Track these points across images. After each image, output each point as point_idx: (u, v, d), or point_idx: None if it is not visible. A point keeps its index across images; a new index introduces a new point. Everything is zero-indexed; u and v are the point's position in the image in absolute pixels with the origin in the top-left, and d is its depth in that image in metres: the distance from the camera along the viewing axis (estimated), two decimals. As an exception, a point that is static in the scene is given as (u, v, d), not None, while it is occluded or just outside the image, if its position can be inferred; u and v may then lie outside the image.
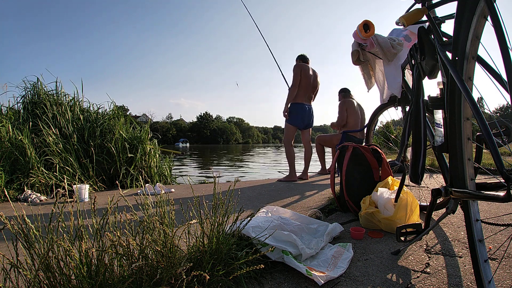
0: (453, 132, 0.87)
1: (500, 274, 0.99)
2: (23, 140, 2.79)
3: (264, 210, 1.45)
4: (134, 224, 0.90)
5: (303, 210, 1.87)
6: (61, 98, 3.70)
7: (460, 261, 1.10)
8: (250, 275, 0.97)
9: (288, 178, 3.40)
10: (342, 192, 1.77)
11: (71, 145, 3.13)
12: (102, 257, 0.76)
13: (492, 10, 0.68)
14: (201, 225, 0.97)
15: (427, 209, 1.07)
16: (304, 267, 0.98)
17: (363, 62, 1.93)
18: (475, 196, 0.78)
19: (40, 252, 0.73)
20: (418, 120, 1.11)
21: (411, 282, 0.96)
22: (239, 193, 2.52)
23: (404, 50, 1.65)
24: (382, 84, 1.90)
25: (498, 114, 4.18)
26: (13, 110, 3.54)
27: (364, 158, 1.78)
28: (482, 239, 0.80)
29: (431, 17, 1.07)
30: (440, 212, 1.68)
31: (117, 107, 3.92)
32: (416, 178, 1.07)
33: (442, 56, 0.92)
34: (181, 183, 4.19)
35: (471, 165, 0.85)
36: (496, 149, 0.67)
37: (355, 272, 1.03)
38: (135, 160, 3.43)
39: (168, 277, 0.79)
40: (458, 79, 0.78)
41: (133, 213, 0.91)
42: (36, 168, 2.75)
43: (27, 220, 0.75)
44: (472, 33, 0.77)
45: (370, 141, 2.17)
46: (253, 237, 1.10)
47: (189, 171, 8.32)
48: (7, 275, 0.73)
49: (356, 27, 1.56)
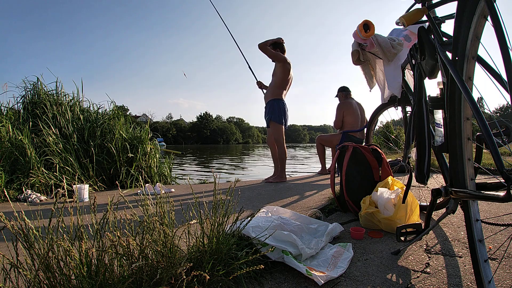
0: (453, 132, 0.87)
1: (500, 274, 0.99)
2: (23, 140, 2.79)
3: (264, 210, 1.45)
4: (134, 224, 0.90)
5: (303, 210, 1.87)
6: (61, 98, 3.70)
7: (460, 261, 1.10)
8: (250, 275, 0.97)
9: (278, 179, 3.27)
10: (342, 192, 1.77)
11: (71, 145, 3.13)
12: (102, 257, 0.76)
13: (492, 10, 0.68)
14: (201, 225, 0.97)
15: (427, 209, 1.07)
16: (304, 267, 0.98)
17: (363, 62, 1.93)
18: (475, 196, 0.78)
19: (40, 252, 0.73)
20: (421, 120, 1.10)
21: (411, 282, 0.96)
22: (239, 193, 2.52)
23: (404, 50, 1.65)
24: (383, 83, 1.90)
25: (498, 114, 4.18)
26: (13, 110, 3.55)
27: (364, 158, 1.78)
28: (482, 239, 0.80)
29: (431, 17, 1.07)
30: (440, 212, 1.68)
31: (117, 107, 3.92)
32: (422, 178, 1.07)
33: (442, 56, 0.92)
34: (181, 183, 4.19)
35: (471, 165, 0.85)
36: (496, 149, 0.67)
37: (355, 272, 1.03)
38: (135, 160, 3.43)
39: (168, 277, 0.79)
40: (458, 79, 0.78)
41: (133, 213, 0.91)
42: (36, 168, 2.75)
43: (27, 220, 0.75)
44: (472, 33, 0.77)
45: (370, 141, 2.17)
46: (253, 237, 1.10)
47: (189, 171, 8.32)
48: (7, 275, 0.73)
49: (356, 27, 1.56)
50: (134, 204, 1.04)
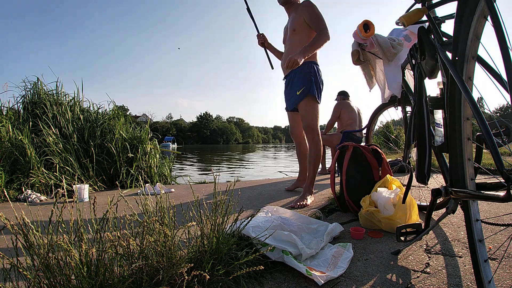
0: (453, 132, 0.87)
1: (500, 274, 0.99)
2: (23, 140, 2.79)
3: (264, 210, 1.45)
4: (134, 224, 0.90)
5: (303, 210, 1.87)
6: (61, 98, 3.70)
7: (460, 261, 1.10)
8: (250, 275, 0.97)
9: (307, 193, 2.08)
10: (342, 192, 1.77)
11: (71, 145, 3.13)
12: (102, 257, 0.76)
13: (492, 10, 0.68)
14: (201, 225, 0.97)
15: (427, 209, 1.07)
16: (304, 267, 0.98)
17: (363, 62, 1.93)
18: (475, 196, 0.78)
19: (40, 252, 0.73)
20: (421, 120, 1.10)
21: (411, 282, 0.96)
22: (239, 193, 2.52)
23: (404, 50, 1.65)
24: (383, 84, 1.90)
25: (498, 114, 4.17)
26: (13, 110, 3.54)
27: (364, 157, 1.78)
28: (482, 239, 0.80)
29: (431, 17, 1.07)
30: (440, 212, 1.68)
31: (117, 107, 3.91)
32: (422, 178, 1.07)
33: (442, 56, 0.92)
34: (181, 183, 4.19)
35: (471, 165, 0.85)
36: (496, 149, 0.67)
37: (355, 272, 1.03)
38: (136, 160, 3.43)
39: (168, 277, 0.79)
40: (458, 79, 0.78)
41: (133, 213, 0.91)
42: (36, 168, 2.75)
43: (27, 220, 0.75)
44: (472, 33, 0.77)
45: (370, 141, 2.17)
46: (253, 237, 1.10)
47: (189, 171, 8.32)
48: (7, 275, 0.73)
49: (356, 27, 1.56)
50: (134, 204, 1.04)
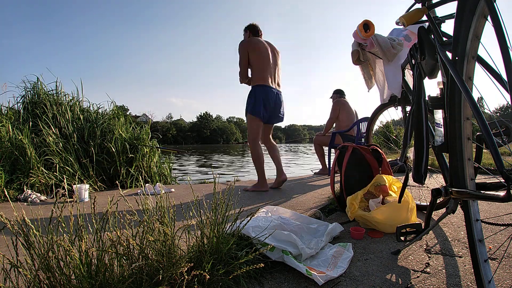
0: (453, 132, 0.87)
1: (500, 274, 0.99)
2: (23, 140, 2.79)
3: (264, 210, 1.46)
4: (134, 224, 0.90)
5: (303, 210, 1.87)
6: (61, 98, 3.70)
7: (460, 261, 1.10)
8: (250, 274, 0.97)
9: (257, 188, 2.67)
10: (342, 192, 1.77)
11: (71, 145, 3.13)
12: (102, 257, 0.76)
13: (492, 10, 0.68)
14: (201, 225, 0.97)
15: (427, 209, 1.07)
16: (304, 267, 0.98)
17: (363, 62, 1.93)
18: (475, 196, 0.78)
19: (40, 252, 0.73)
20: (420, 120, 1.10)
21: (411, 282, 0.96)
22: (239, 193, 2.53)
23: (404, 50, 1.65)
24: (382, 84, 1.90)
25: (498, 114, 4.18)
26: (13, 110, 3.54)
27: (363, 158, 1.78)
28: (482, 239, 0.80)
29: (431, 17, 1.07)
30: (440, 212, 1.68)
31: (117, 107, 3.91)
32: (419, 178, 1.07)
33: (442, 56, 0.92)
34: (181, 183, 4.19)
35: (471, 165, 0.85)
36: (496, 149, 0.67)
37: (355, 272, 1.03)
38: (135, 160, 3.43)
39: (168, 276, 0.79)
40: (458, 79, 0.78)
41: (133, 213, 0.91)
42: (36, 168, 2.75)
43: (27, 220, 0.75)
44: (472, 33, 0.77)
45: (370, 141, 2.17)
46: (253, 237, 1.10)
47: (189, 171, 8.32)
48: (7, 275, 0.73)
49: (356, 27, 1.57)
50: (134, 204, 1.04)
